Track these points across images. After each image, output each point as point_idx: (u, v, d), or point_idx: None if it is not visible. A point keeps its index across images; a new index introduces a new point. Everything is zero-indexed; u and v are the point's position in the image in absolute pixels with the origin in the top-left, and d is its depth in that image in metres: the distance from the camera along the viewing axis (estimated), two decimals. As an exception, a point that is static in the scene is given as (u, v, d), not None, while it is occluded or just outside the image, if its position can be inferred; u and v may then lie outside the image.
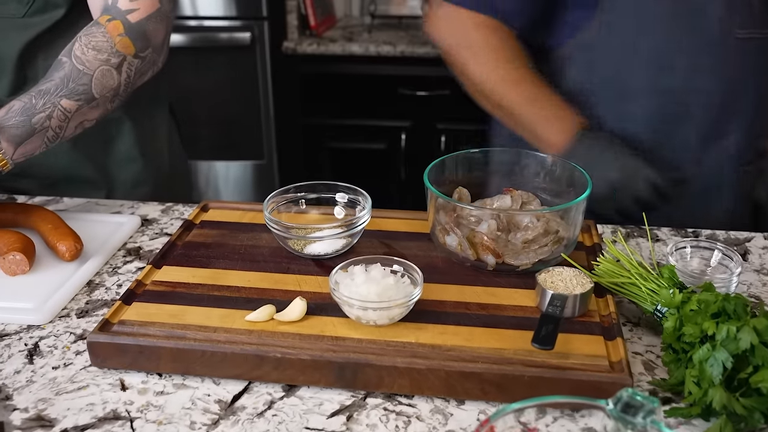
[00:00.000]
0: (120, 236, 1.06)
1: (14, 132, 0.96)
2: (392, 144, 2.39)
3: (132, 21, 1.04)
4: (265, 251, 0.95)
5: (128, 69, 1.04)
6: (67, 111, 1.00)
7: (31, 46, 1.13)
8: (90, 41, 1.01)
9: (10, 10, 1.11)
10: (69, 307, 0.91)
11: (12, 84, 1.15)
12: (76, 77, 1.00)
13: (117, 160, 1.26)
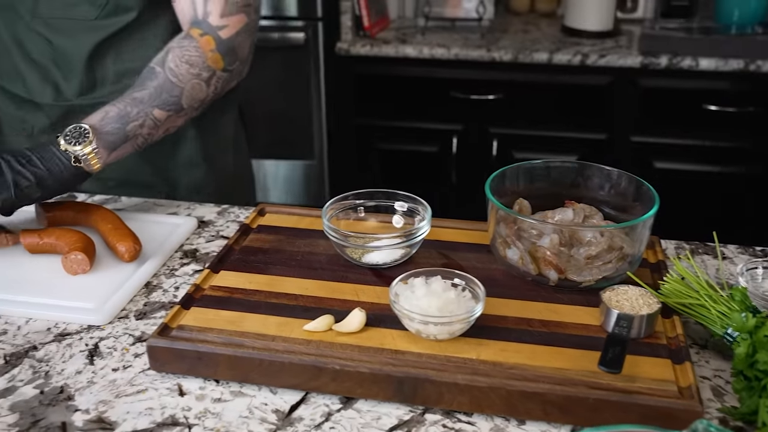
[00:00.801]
0: (177, 238, 1.06)
1: (109, 138, 1.00)
2: (444, 147, 2.37)
3: (223, 37, 1.08)
4: (323, 258, 0.94)
5: (217, 82, 1.09)
6: (157, 120, 1.04)
7: (101, 48, 1.14)
8: (183, 55, 1.05)
9: (82, 12, 1.12)
10: (127, 309, 0.91)
11: (81, 85, 1.17)
12: (169, 89, 1.04)
13: (179, 165, 1.27)
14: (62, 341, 0.85)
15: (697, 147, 2.23)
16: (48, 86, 1.18)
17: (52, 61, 1.16)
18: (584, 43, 2.31)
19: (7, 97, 1.24)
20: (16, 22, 1.16)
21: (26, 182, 0.95)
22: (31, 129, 1.23)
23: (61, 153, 0.97)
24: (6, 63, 1.21)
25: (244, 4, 1.09)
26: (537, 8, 2.73)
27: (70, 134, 0.98)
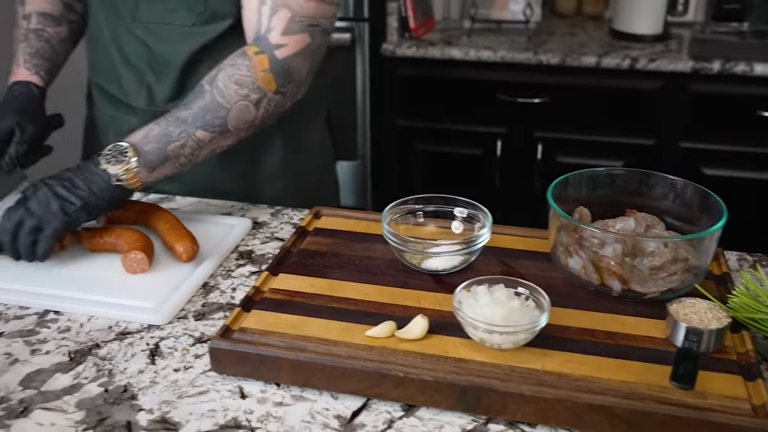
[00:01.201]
0: (232, 239, 1.06)
1: (150, 158, 0.99)
2: (488, 150, 2.35)
3: (278, 57, 1.03)
4: (381, 263, 0.94)
5: (267, 105, 1.04)
6: (200, 141, 1.01)
7: (196, 55, 1.14)
8: (234, 74, 1.02)
9: (180, 19, 1.12)
10: (186, 309, 0.92)
11: (172, 89, 1.17)
12: (214, 110, 1.01)
13: (262, 175, 1.25)
14: (124, 340, 0.86)
15: (750, 154, 2.18)
16: (142, 90, 1.19)
17: (148, 65, 1.17)
18: (633, 47, 2.27)
19: (104, 96, 1.26)
20: (117, 24, 1.17)
21: (72, 207, 0.95)
22: (123, 130, 1.24)
23: (101, 173, 0.97)
24: (105, 63, 1.23)
25: (311, 23, 1.05)
26: (584, 11, 2.70)
27: (110, 154, 0.98)
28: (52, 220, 0.94)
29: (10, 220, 0.95)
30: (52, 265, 0.99)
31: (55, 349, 0.85)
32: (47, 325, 0.89)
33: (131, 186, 0.99)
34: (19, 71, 1.16)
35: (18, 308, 0.92)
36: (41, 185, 0.96)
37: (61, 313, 0.91)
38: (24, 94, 1.13)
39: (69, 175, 0.97)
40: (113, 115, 1.25)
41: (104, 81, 1.25)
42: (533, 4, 2.36)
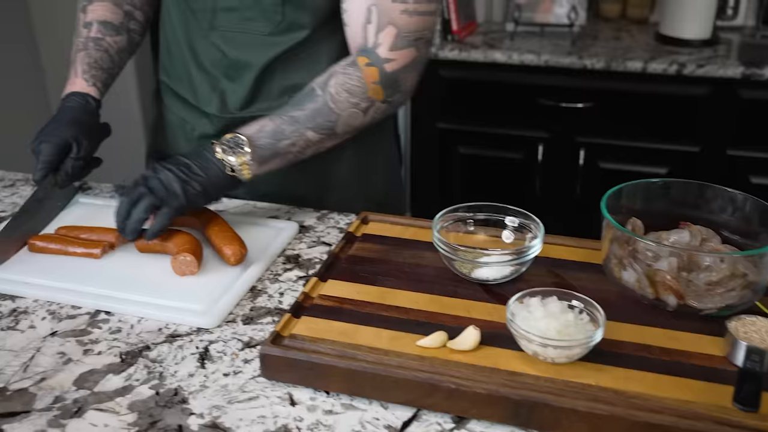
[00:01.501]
0: (279, 242, 1.06)
1: (262, 153, 1.02)
2: (529, 155, 2.33)
3: (387, 70, 1.05)
4: (430, 271, 0.93)
5: (375, 112, 1.08)
6: (309, 141, 1.05)
7: (271, 63, 1.15)
8: (345, 82, 1.05)
9: (257, 28, 1.13)
10: (235, 313, 0.92)
11: (246, 97, 1.18)
12: (326, 114, 1.05)
13: (333, 183, 1.26)
14: (173, 342, 0.87)
15: (800, 163, 2.13)
16: (215, 96, 1.20)
17: (223, 72, 1.18)
18: (681, 51, 2.23)
19: (175, 98, 1.28)
20: (193, 31, 1.19)
21: (193, 191, 0.98)
22: (192, 132, 1.25)
23: (217, 161, 1.00)
24: (179, 67, 1.24)
25: (416, 37, 1.05)
26: (628, 14, 2.66)
27: (227, 144, 1.01)
28: (172, 201, 0.96)
29: (130, 195, 0.97)
30: (104, 264, 1.00)
31: (107, 350, 0.85)
32: (99, 326, 0.90)
33: (242, 177, 1.01)
34: (77, 81, 1.17)
35: (71, 308, 0.93)
36: (161, 169, 0.98)
37: (112, 313, 0.92)
38: (81, 106, 1.14)
39: (186, 162, 0.99)
40: (184, 118, 1.26)
41: (177, 84, 1.26)
42: (578, 7, 2.33)
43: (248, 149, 1.01)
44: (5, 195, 1.25)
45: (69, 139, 1.08)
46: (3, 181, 1.30)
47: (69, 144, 1.08)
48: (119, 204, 0.98)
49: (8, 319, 0.91)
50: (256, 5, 1.11)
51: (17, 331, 0.89)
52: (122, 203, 0.98)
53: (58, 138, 1.07)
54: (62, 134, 1.08)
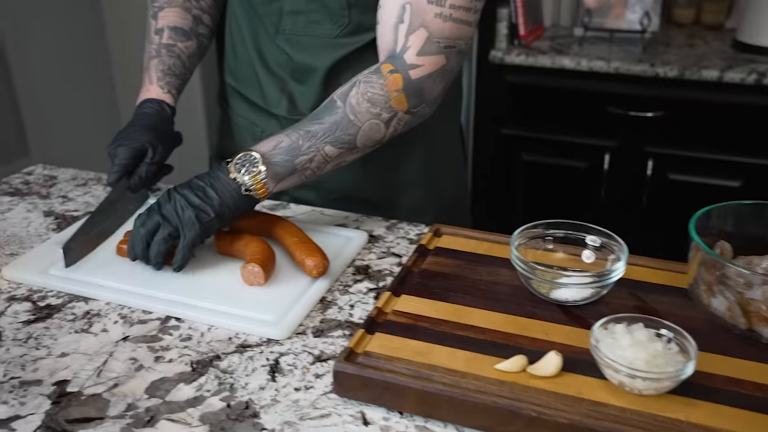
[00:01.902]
0: (349, 252, 1.05)
1: (277, 170, 0.99)
2: (594, 164, 2.28)
3: (412, 77, 1.01)
4: (506, 289, 0.90)
5: (397, 124, 1.03)
6: (328, 156, 1.01)
7: (338, 65, 1.14)
8: (367, 92, 1.00)
9: (324, 30, 1.12)
10: (305, 324, 0.91)
11: (315, 98, 1.17)
12: (345, 126, 1.00)
13: (402, 184, 1.24)
14: (244, 353, 0.86)
15: None
16: (284, 99, 1.20)
17: (290, 75, 1.18)
18: (761, 60, 2.15)
19: (243, 101, 1.28)
20: (260, 34, 1.19)
21: (207, 216, 0.96)
22: (260, 133, 1.25)
23: (231, 182, 0.98)
24: (246, 70, 1.24)
25: (447, 45, 1.01)
26: (702, 20, 2.57)
27: (240, 162, 0.98)
28: (188, 230, 0.95)
29: (145, 226, 0.96)
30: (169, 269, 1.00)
31: (178, 358, 0.85)
32: (169, 332, 0.89)
33: (258, 196, 0.99)
34: (152, 88, 1.17)
35: (141, 312, 0.93)
36: (174, 194, 0.97)
37: (182, 320, 0.92)
38: (156, 113, 1.14)
39: (200, 184, 0.98)
40: (253, 120, 1.27)
41: (244, 87, 1.26)
42: (651, 13, 2.26)
43: (263, 167, 0.98)
44: (78, 194, 1.26)
45: (145, 144, 1.08)
46: (75, 180, 1.32)
47: (144, 149, 1.09)
48: (135, 233, 0.97)
49: (82, 321, 0.91)
50: (323, 8, 1.10)
51: (90, 334, 0.89)
52: (139, 233, 0.97)
53: (135, 142, 1.08)
54: (138, 139, 1.09)
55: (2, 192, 1.27)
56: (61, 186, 1.29)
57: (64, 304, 0.94)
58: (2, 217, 1.18)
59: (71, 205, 1.22)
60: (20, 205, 1.22)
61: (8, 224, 1.15)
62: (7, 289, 0.98)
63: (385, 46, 1.06)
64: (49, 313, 0.93)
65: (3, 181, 1.31)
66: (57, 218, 1.17)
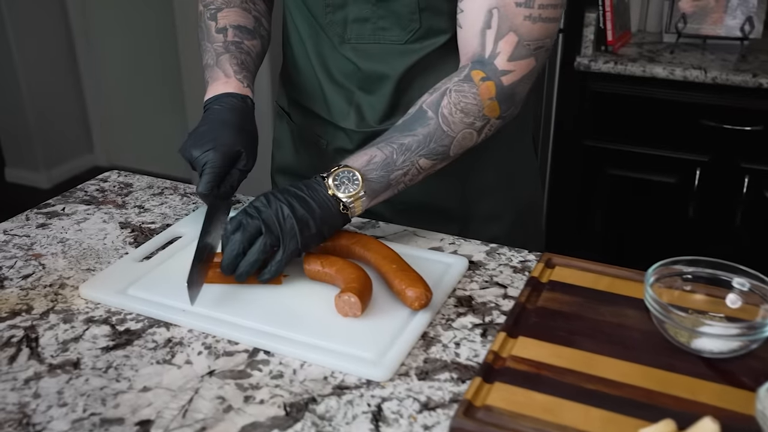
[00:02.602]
0: (449, 280, 0.95)
1: (373, 186, 0.93)
2: (684, 179, 2.14)
3: (505, 84, 0.96)
4: (636, 334, 0.80)
5: (488, 131, 0.99)
6: (422, 169, 0.96)
7: (409, 72, 1.07)
8: (460, 101, 0.95)
9: (392, 37, 1.05)
10: (407, 364, 0.82)
11: (384, 109, 1.10)
12: (439, 138, 0.95)
13: (477, 192, 1.16)
14: (342, 396, 0.77)
15: None
16: (351, 110, 1.12)
17: (357, 85, 1.11)
18: None
19: (306, 114, 1.20)
20: (323, 45, 1.12)
21: (308, 230, 0.89)
22: (325, 145, 1.18)
23: (329, 197, 0.91)
24: (309, 83, 1.17)
25: (536, 47, 0.96)
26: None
27: (339, 178, 0.92)
28: (290, 243, 0.88)
29: (243, 231, 0.88)
30: (264, 293, 0.92)
31: (270, 399, 0.77)
32: (258, 367, 0.81)
33: (354, 214, 0.92)
34: (231, 81, 1.07)
35: (227, 342, 0.85)
36: (274, 199, 0.89)
37: (272, 353, 0.83)
38: (241, 109, 1.05)
39: (301, 195, 0.90)
40: (318, 134, 1.19)
41: (308, 100, 1.18)
42: (755, 18, 2.11)
43: (360, 184, 0.92)
44: (154, 204, 1.20)
45: (238, 148, 0.99)
46: (151, 189, 1.26)
47: (238, 153, 0.99)
48: (230, 238, 0.89)
49: (164, 351, 0.84)
50: (391, 14, 1.03)
51: (173, 365, 0.81)
52: (234, 239, 0.88)
53: (227, 147, 0.98)
54: (231, 141, 0.98)
55: (78, 200, 1.21)
56: (136, 195, 1.23)
57: (144, 330, 0.87)
58: (78, 227, 1.12)
59: (148, 216, 1.16)
60: (96, 214, 1.16)
61: (84, 235, 1.09)
62: (84, 309, 0.91)
63: (469, 51, 1.00)
64: (128, 339, 0.85)
65: (79, 188, 1.26)
66: (134, 231, 1.11)
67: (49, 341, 0.85)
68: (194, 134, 1.01)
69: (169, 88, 3.61)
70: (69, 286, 0.96)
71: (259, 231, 0.88)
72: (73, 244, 1.06)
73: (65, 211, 1.17)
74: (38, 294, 0.94)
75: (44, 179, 3.74)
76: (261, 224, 0.88)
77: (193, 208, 1.18)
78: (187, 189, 1.25)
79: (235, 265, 0.89)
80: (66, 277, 0.98)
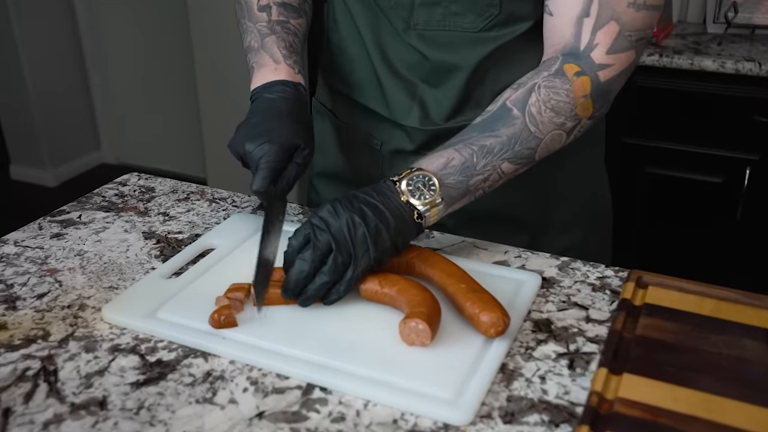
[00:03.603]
0: (522, 300, 0.84)
1: (451, 192, 0.82)
2: (732, 178, 2.02)
3: (601, 79, 0.85)
4: (759, 369, 0.68)
5: (578, 132, 0.88)
6: (503, 174, 0.85)
7: (482, 64, 0.96)
8: (550, 99, 0.84)
9: (466, 23, 0.94)
10: (488, 404, 0.70)
11: (453, 106, 0.99)
12: (525, 140, 0.84)
13: (553, 199, 1.05)
14: (417, 445, 0.65)
15: None
16: (415, 106, 1.00)
17: (422, 78, 0.99)
18: None
19: (356, 110, 1.08)
20: (383, 31, 1.00)
21: (383, 243, 0.78)
22: (379, 145, 1.06)
23: (403, 205, 0.80)
24: (362, 75, 1.05)
25: (638, 38, 0.86)
26: None
27: (414, 183, 0.80)
28: (362, 260, 0.77)
29: (315, 249, 0.77)
30: (314, 317, 0.80)
31: (332, 447, 0.65)
32: (315, 408, 0.70)
33: (428, 224, 0.81)
34: (281, 68, 0.96)
35: (275, 376, 0.73)
36: (341, 208, 0.77)
37: (329, 391, 0.72)
38: (295, 98, 0.93)
39: (372, 201, 0.79)
40: (370, 132, 1.07)
41: (359, 94, 1.06)
42: (811, 8, 1.98)
43: (438, 190, 0.80)
44: (180, 211, 1.08)
45: (296, 140, 0.88)
46: (176, 194, 1.14)
47: (296, 145, 0.88)
48: (296, 257, 0.78)
49: (203, 387, 0.72)
50: None
51: (216, 405, 0.70)
52: (303, 258, 0.77)
53: (285, 139, 0.87)
54: (288, 133, 0.88)
55: (96, 206, 1.10)
56: (160, 200, 1.11)
57: (179, 361, 0.76)
58: (97, 237, 1.00)
59: (174, 225, 1.04)
60: (116, 222, 1.04)
61: (105, 247, 0.97)
62: (108, 335, 0.80)
63: (559, 42, 0.89)
64: (161, 373, 0.74)
65: (96, 192, 1.14)
66: (159, 242, 0.99)
67: (70, 374, 0.74)
68: (245, 126, 0.90)
69: (181, 83, 3.49)
70: (90, 308, 0.84)
71: (329, 248, 0.77)
72: (93, 258, 0.95)
73: (82, 219, 1.06)
74: (55, 317, 0.83)
75: (50, 177, 3.63)
76: (331, 240, 0.76)
77: (223, 215, 1.06)
78: (216, 194, 1.13)
79: (301, 288, 0.78)
80: (86, 297, 0.86)
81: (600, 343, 0.78)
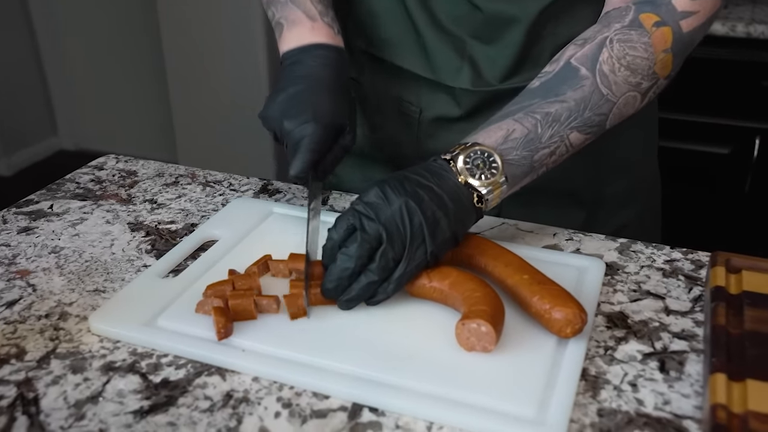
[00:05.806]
0: (589, 291, 0.71)
1: (514, 171, 0.69)
2: (741, 149, 1.92)
3: (684, 30, 0.73)
4: None
5: (652, 94, 0.75)
6: (571, 146, 0.72)
7: (542, 16, 0.82)
8: (626, 54, 0.71)
9: None
10: (577, 420, 0.57)
11: (510, 66, 0.85)
12: (596, 104, 0.71)
13: (609, 171, 0.93)
14: (500, 477, 0.53)
15: None
16: (465, 65, 0.86)
17: (473, 33, 0.85)
18: None
19: (387, 72, 0.93)
20: None
21: (441, 235, 0.65)
22: (418, 113, 0.91)
23: (462, 187, 0.67)
24: (396, 30, 0.90)
25: None
26: None
27: (471, 161, 0.67)
28: (415, 252, 0.64)
29: (362, 242, 0.63)
30: (345, 321, 0.66)
31: (395, 486, 0.52)
32: (367, 434, 0.56)
33: (487, 208, 0.69)
34: (318, 26, 0.81)
35: (311, 395, 0.60)
36: (396, 195, 0.64)
37: (381, 411, 0.58)
38: (338, 65, 0.80)
39: (429, 185, 0.66)
40: (405, 98, 0.92)
41: (393, 54, 0.91)
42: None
43: (500, 168, 0.68)
44: (169, 197, 0.93)
45: (342, 119, 0.76)
46: (162, 177, 0.99)
47: (342, 125, 0.76)
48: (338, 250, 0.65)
49: (225, 413, 0.58)
50: None
51: (242, 436, 0.56)
52: (347, 253, 0.64)
53: (330, 117, 0.75)
54: (334, 110, 0.75)
55: (69, 194, 0.94)
56: (144, 186, 0.97)
57: (190, 380, 0.62)
58: (74, 231, 0.85)
59: (164, 214, 0.89)
60: (95, 213, 0.89)
61: (84, 242, 0.83)
62: (99, 351, 0.65)
63: None
64: (170, 397, 0.60)
65: (67, 178, 0.99)
66: (149, 233, 0.85)
67: (55, 403, 0.59)
68: (282, 97, 0.76)
69: (144, 61, 3.29)
70: (73, 317, 0.70)
71: (379, 240, 0.63)
72: (71, 255, 0.80)
73: (54, 209, 0.90)
74: (31, 329, 0.68)
75: (4, 166, 3.41)
76: (382, 231, 0.63)
77: (221, 201, 0.92)
78: (209, 176, 0.99)
79: (344, 287, 0.64)
80: (67, 304, 0.72)
81: (689, 340, 0.66)
